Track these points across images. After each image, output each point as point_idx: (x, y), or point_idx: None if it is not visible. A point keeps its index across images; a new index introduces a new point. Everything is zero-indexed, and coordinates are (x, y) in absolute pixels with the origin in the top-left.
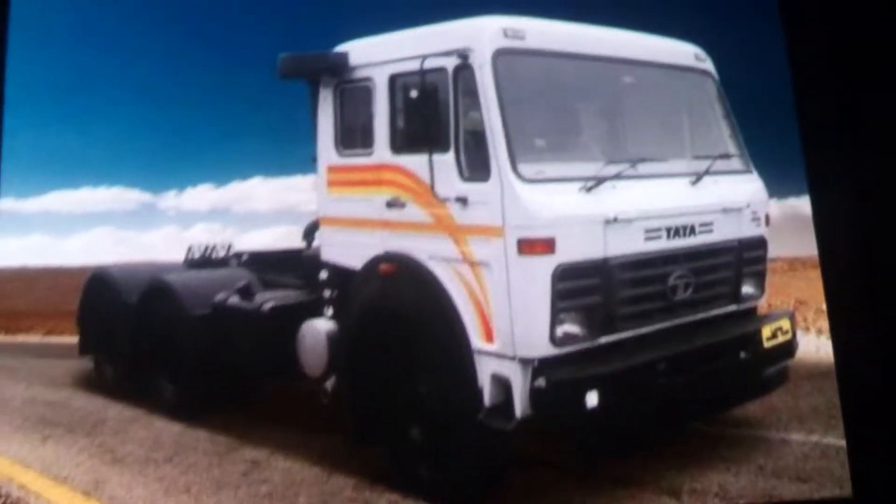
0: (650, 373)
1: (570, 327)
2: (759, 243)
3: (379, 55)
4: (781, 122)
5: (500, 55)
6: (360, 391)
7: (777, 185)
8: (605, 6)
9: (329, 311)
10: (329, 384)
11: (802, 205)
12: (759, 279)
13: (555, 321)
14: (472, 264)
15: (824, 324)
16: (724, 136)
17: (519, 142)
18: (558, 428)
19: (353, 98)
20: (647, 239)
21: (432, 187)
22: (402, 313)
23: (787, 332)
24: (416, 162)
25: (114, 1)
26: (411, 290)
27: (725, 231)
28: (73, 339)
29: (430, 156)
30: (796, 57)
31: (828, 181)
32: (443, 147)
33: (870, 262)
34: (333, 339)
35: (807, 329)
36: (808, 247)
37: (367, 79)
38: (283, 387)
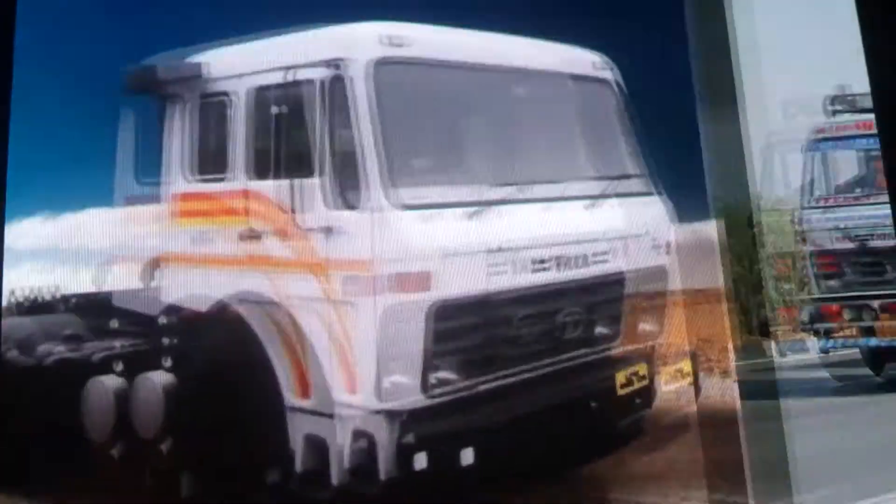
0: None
1: (444, 373)
2: (660, 274)
3: (239, 66)
4: (685, 138)
5: (378, 66)
6: (199, 456)
7: (681, 209)
8: (506, 10)
9: (168, 362)
10: (165, 446)
11: (707, 229)
12: (658, 314)
13: (428, 367)
14: (336, 304)
15: (730, 364)
16: (624, 154)
17: (394, 164)
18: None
19: (207, 115)
20: (535, 271)
21: (294, 216)
22: (244, 363)
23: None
24: (276, 188)
25: None
26: (256, 337)
27: (622, 261)
28: None
29: (292, 180)
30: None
31: None
32: (307, 170)
33: None
34: (171, 395)
35: (710, 370)
36: (712, 278)
37: (224, 93)
38: (102, 453)
